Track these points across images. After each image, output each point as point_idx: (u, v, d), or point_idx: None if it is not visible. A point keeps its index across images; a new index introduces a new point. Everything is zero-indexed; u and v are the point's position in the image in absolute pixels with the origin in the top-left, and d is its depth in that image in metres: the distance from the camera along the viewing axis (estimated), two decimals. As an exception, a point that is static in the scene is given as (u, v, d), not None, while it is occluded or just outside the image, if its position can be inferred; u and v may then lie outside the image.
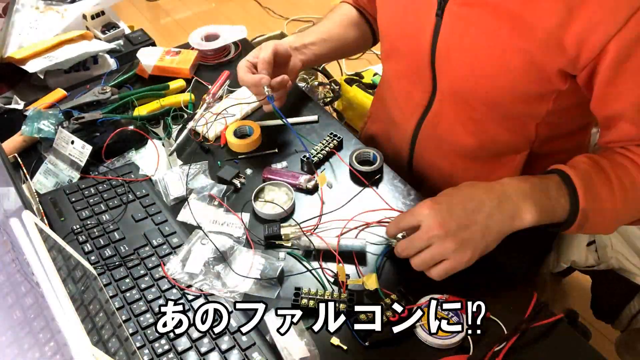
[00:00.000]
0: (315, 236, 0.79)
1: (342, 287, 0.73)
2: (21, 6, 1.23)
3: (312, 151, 0.92)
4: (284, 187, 0.88)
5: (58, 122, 0.95)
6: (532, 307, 0.69)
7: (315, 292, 0.72)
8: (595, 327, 1.47)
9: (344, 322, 0.65)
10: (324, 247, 0.78)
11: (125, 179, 0.90)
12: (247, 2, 3.17)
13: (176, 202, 0.87)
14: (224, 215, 0.84)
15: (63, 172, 0.91)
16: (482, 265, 0.70)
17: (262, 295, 0.73)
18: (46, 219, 0.83)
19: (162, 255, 0.78)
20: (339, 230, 0.80)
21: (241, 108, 1.02)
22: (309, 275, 0.76)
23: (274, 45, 0.92)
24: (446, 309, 0.68)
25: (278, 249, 0.80)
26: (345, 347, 0.68)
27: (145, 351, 0.67)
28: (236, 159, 0.95)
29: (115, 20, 1.30)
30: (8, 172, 0.75)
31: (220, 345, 0.67)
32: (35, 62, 1.08)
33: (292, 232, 0.79)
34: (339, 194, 0.87)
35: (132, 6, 3.17)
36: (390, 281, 0.75)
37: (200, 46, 1.17)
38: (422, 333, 0.68)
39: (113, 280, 0.75)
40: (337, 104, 2.10)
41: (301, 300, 0.71)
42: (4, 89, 1.13)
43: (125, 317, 0.70)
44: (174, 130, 1.00)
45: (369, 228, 0.81)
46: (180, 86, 1.09)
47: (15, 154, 0.94)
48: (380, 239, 0.80)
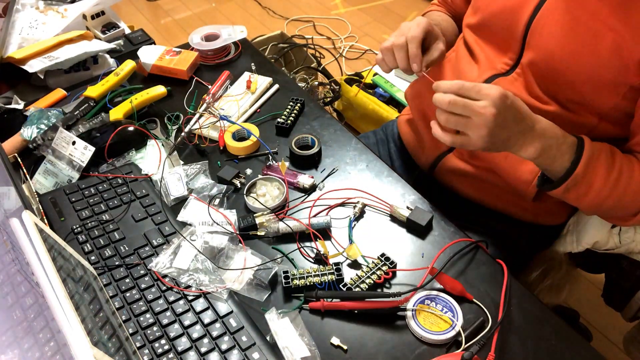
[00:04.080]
0: (286, 220, 0.82)
1: (325, 261, 0.77)
2: (21, 6, 1.23)
3: (283, 117, 1.01)
4: (276, 182, 0.88)
5: (61, 121, 0.95)
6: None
7: (302, 272, 0.75)
8: (597, 329, 1.47)
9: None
10: (295, 229, 0.81)
11: (126, 176, 0.90)
12: (247, 2, 3.18)
13: (177, 202, 0.87)
14: (220, 214, 0.84)
15: (62, 172, 0.91)
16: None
17: (252, 297, 0.74)
18: (46, 219, 0.83)
19: (162, 255, 0.78)
20: (307, 213, 0.85)
21: (239, 109, 1.03)
22: (289, 261, 0.79)
23: (426, 23, 0.88)
24: (440, 304, 0.70)
25: (252, 239, 0.82)
26: (345, 347, 0.68)
27: (145, 351, 0.67)
28: (236, 159, 0.95)
29: (115, 20, 1.30)
30: (8, 172, 0.75)
31: (220, 345, 0.67)
32: (35, 62, 1.08)
33: (266, 219, 0.82)
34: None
35: (132, 6, 3.17)
36: (365, 249, 0.80)
37: (201, 46, 1.17)
38: (416, 328, 0.69)
39: (113, 280, 0.75)
40: (337, 104, 2.10)
41: (292, 281, 0.73)
42: (4, 89, 1.13)
43: (125, 317, 0.70)
44: (172, 131, 1.00)
45: (335, 208, 0.87)
46: (160, 93, 1.04)
47: (15, 154, 0.94)
48: (346, 212, 0.86)
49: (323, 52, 2.35)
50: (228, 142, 0.95)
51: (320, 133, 0.99)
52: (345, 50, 2.67)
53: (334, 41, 2.72)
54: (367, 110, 1.93)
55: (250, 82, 1.08)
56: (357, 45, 2.71)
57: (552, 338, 0.69)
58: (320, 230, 0.82)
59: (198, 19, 3.07)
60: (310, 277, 0.74)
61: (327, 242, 0.81)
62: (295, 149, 0.93)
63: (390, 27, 2.86)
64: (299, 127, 1.02)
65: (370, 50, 2.67)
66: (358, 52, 2.68)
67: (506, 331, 0.69)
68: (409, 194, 0.88)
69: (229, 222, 0.82)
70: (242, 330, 0.69)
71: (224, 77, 1.09)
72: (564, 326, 0.70)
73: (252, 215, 0.83)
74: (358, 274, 0.75)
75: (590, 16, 0.75)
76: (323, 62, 2.24)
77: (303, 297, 0.73)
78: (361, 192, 0.88)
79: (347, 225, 0.83)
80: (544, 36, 0.81)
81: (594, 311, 1.48)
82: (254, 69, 1.15)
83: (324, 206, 0.86)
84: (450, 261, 0.77)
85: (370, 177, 0.91)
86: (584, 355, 0.68)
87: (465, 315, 0.70)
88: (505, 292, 0.72)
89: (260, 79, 1.11)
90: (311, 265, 0.78)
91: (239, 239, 0.80)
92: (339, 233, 0.83)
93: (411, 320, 0.70)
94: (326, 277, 0.74)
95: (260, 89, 1.09)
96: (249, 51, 1.23)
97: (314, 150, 0.93)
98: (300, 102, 1.05)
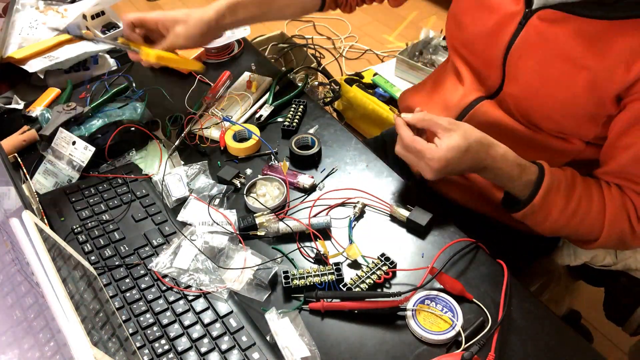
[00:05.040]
0: (287, 220, 0.82)
1: (325, 261, 0.77)
2: (21, 6, 1.23)
3: (288, 119, 1.01)
4: (276, 182, 0.88)
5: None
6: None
7: (302, 272, 0.75)
8: (599, 331, 1.47)
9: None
10: (295, 229, 0.81)
11: (126, 177, 0.90)
12: (247, 2, 3.17)
13: (178, 203, 0.87)
14: (220, 214, 0.84)
15: (62, 172, 0.91)
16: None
17: (252, 297, 0.74)
18: (46, 219, 0.83)
19: (162, 255, 0.78)
20: (307, 213, 0.85)
21: (240, 109, 1.02)
22: (289, 261, 0.78)
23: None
24: (440, 304, 0.71)
25: (252, 239, 0.82)
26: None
27: (145, 351, 0.67)
28: (236, 159, 0.95)
29: (115, 20, 1.30)
30: (8, 172, 0.75)
31: (220, 345, 0.67)
32: (35, 62, 1.08)
33: (266, 219, 0.81)
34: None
35: (132, 6, 3.17)
36: (365, 249, 0.80)
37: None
38: (416, 328, 0.69)
39: (113, 280, 0.75)
40: (337, 104, 2.10)
41: (292, 281, 0.73)
42: (4, 89, 1.13)
43: (125, 317, 0.70)
44: (173, 131, 1.00)
45: (335, 207, 0.87)
46: (197, 66, 1.03)
47: (15, 153, 0.94)
48: (346, 213, 0.86)
49: (323, 52, 2.35)
50: (229, 142, 0.95)
51: (320, 133, 0.99)
52: (345, 50, 2.67)
53: (334, 41, 2.72)
54: (367, 110, 1.93)
55: (250, 82, 1.08)
56: (357, 45, 2.71)
57: (552, 338, 0.69)
58: (320, 230, 0.82)
59: (198, 19, 3.07)
60: (310, 277, 0.74)
61: (327, 242, 0.81)
62: (295, 149, 0.93)
63: (390, 27, 2.86)
64: (299, 128, 1.01)
65: (370, 50, 2.66)
66: (358, 52, 2.67)
67: (506, 331, 0.69)
68: (409, 194, 0.88)
69: (229, 222, 0.82)
70: (242, 330, 0.69)
71: (224, 77, 1.09)
72: (564, 326, 0.70)
73: (252, 215, 0.83)
74: (358, 274, 0.75)
75: (564, 54, 0.75)
76: (323, 62, 2.24)
77: (303, 297, 0.73)
78: (361, 192, 0.88)
79: (347, 225, 0.83)
80: (520, 68, 0.81)
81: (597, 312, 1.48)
82: (254, 69, 1.15)
83: (324, 206, 0.86)
84: (450, 261, 0.77)
85: (370, 177, 0.91)
86: (584, 356, 0.68)
87: (465, 315, 0.70)
88: (505, 292, 0.72)
89: (260, 79, 1.11)
90: (311, 265, 0.78)
91: (239, 239, 0.80)
92: (339, 233, 0.83)
93: (411, 320, 0.70)
94: (326, 277, 0.74)
95: (260, 89, 1.09)
96: (251, 50, 1.23)
97: (314, 150, 0.93)
98: (302, 103, 1.05)
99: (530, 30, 0.79)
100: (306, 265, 0.78)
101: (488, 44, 0.85)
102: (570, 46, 0.75)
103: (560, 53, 0.76)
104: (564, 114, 0.79)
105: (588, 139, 0.82)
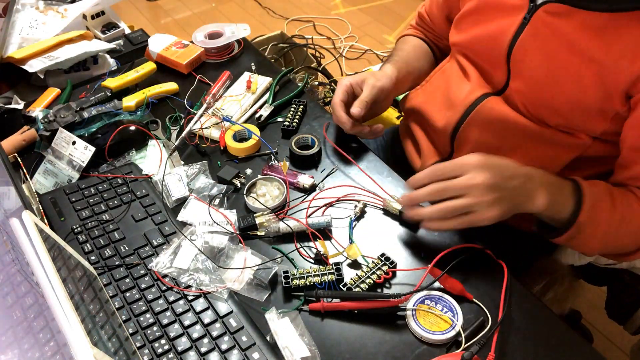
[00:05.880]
0: (287, 220, 0.82)
1: (325, 261, 0.77)
2: (21, 6, 1.23)
3: (288, 119, 1.01)
4: (276, 182, 0.88)
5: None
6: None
7: (302, 272, 0.75)
8: (600, 331, 1.47)
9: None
10: (295, 229, 0.81)
11: (126, 176, 0.90)
12: (247, 2, 3.18)
13: (178, 203, 0.87)
14: (220, 214, 0.84)
15: (62, 172, 0.91)
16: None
17: (252, 297, 0.74)
18: (46, 219, 0.83)
19: (162, 255, 0.78)
20: (308, 212, 0.85)
21: (240, 109, 1.02)
22: (289, 261, 0.78)
23: (378, 87, 0.92)
24: (440, 304, 0.70)
25: (252, 239, 0.82)
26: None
27: (145, 351, 0.67)
28: (236, 159, 0.95)
29: (115, 20, 1.30)
30: (8, 172, 0.75)
31: (220, 345, 0.67)
32: (35, 62, 1.08)
33: (266, 219, 0.81)
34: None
35: (132, 6, 3.17)
36: (365, 249, 0.80)
37: (204, 44, 1.18)
38: (416, 328, 0.69)
39: (113, 280, 0.75)
40: (337, 104, 2.09)
41: (292, 281, 0.73)
42: (4, 89, 1.13)
43: (125, 317, 0.70)
44: (173, 131, 1.00)
45: (333, 205, 0.87)
46: (172, 89, 1.08)
47: (15, 153, 0.94)
48: (346, 212, 0.85)
49: (323, 52, 2.35)
50: (229, 142, 0.95)
51: (320, 133, 0.99)
52: (345, 50, 2.67)
53: (334, 41, 2.73)
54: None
55: (250, 82, 1.08)
56: (357, 45, 2.71)
57: (552, 338, 0.69)
58: (320, 230, 0.82)
59: (198, 19, 3.07)
60: (310, 277, 0.74)
61: (327, 242, 0.81)
62: (295, 149, 0.93)
63: (390, 27, 2.86)
64: (299, 128, 1.01)
65: (370, 50, 2.67)
66: (358, 52, 2.68)
67: (506, 331, 0.69)
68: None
69: (229, 222, 0.82)
70: (242, 330, 0.69)
71: (224, 77, 1.09)
72: (565, 326, 0.70)
73: (252, 215, 0.83)
74: (358, 274, 0.75)
75: (569, 47, 0.75)
76: (323, 62, 2.24)
77: (303, 297, 0.73)
78: (360, 189, 0.88)
79: (347, 225, 0.83)
80: (526, 64, 0.81)
81: (597, 312, 1.48)
82: (254, 69, 1.15)
83: (323, 206, 0.86)
84: (450, 264, 0.76)
85: (370, 176, 0.91)
86: (584, 356, 0.68)
87: (465, 315, 0.70)
88: (505, 292, 0.72)
89: (260, 79, 1.11)
90: (311, 265, 0.78)
91: (239, 239, 0.80)
92: (339, 233, 0.83)
93: (411, 320, 0.70)
94: (326, 277, 0.74)
95: (260, 89, 1.09)
96: (251, 50, 1.23)
97: (314, 150, 0.93)
98: (303, 103, 1.05)
99: (536, 24, 0.78)
100: (306, 265, 0.78)
101: (491, 42, 0.85)
102: (577, 39, 0.74)
103: (567, 46, 0.75)
104: (572, 107, 0.78)
105: (596, 134, 0.81)
